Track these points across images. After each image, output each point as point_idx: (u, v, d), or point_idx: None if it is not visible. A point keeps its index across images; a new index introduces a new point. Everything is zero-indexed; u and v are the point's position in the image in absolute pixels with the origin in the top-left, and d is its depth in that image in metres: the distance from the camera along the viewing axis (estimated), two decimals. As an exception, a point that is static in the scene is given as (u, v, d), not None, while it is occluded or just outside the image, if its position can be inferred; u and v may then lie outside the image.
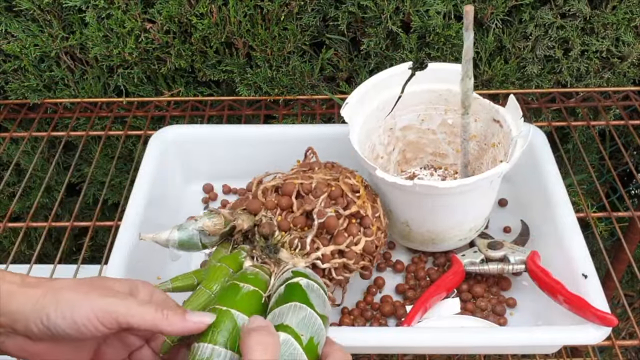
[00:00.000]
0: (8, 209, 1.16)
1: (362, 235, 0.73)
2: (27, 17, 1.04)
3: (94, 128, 1.13)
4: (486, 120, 0.85)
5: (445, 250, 0.86)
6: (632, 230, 1.13)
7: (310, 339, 0.48)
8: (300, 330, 0.48)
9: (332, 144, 0.86)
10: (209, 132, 0.96)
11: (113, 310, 0.47)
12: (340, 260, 0.71)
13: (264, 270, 0.60)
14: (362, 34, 1.04)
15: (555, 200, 0.82)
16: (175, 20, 1.02)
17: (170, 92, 1.12)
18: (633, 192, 1.39)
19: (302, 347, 0.48)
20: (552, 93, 1.09)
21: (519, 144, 0.77)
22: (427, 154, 0.94)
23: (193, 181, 0.97)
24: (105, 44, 1.04)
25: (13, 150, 1.18)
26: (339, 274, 0.72)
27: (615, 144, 1.13)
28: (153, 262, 0.83)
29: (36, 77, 1.09)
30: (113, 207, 1.29)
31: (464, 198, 0.77)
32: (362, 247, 0.73)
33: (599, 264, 1.16)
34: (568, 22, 1.02)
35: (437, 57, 1.03)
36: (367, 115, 0.85)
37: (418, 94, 0.88)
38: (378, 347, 0.73)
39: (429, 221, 0.81)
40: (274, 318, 0.50)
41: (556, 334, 0.69)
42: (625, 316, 1.35)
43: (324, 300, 0.53)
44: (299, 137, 0.91)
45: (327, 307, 0.54)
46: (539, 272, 0.76)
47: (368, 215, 0.74)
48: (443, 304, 0.80)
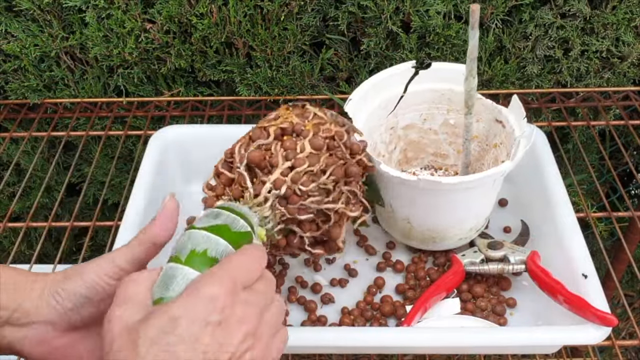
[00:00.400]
0: (8, 209, 1.16)
1: (304, 140, 0.65)
2: (27, 17, 1.04)
3: (94, 128, 1.13)
4: (488, 120, 0.85)
5: (446, 249, 0.85)
6: (632, 230, 1.13)
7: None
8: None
9: (332, 144, 0.86)
10: (209, 132, 0.96)
11: (110, 260, 0.50)
12: (293, 174, 0.63)
13: None
14: (362, 34, 1.04)
15: (555, 200, 0.82)
16: (175, 20, 1.02)
17: (170, 92, 1.12)
18: (633, 192, 1.39)
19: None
20: (552, 93, 1.09)
21: (522, 144, 0.77)
22: (428, 154, 0.94)
23: (193, 181, 0.97)
24: (105, 44, 1.04)
25: (13, 150, 1.18)
26: (312, 196, 0.64)
27: (615, 144, 1.14)
28: (153, 262, 0.82)
29: (36, 77, 1.09)
30: (113, 207, 1.29)
31: (466, 195, 0.77)
32: (308, 150, 0.64)
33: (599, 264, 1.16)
34: (568, 22, 1.02)
35: (437, 57, 1.03)
36: (369, 113, 0.85)
37: (421, 93, 0.88)
38: (378, 347, 0.73)
39: (431, 218, 0.80)
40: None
41: (556, 334, 0.69)
42: (625, 316, 1.35)
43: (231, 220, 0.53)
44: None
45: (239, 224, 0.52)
46: (539, 272, 0.76)
47: (296, 122, 0.66)
48: (443, 304, 0.80)
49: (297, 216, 0.64)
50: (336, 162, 0.66)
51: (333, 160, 0.66)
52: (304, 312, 0.81)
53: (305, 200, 0.64)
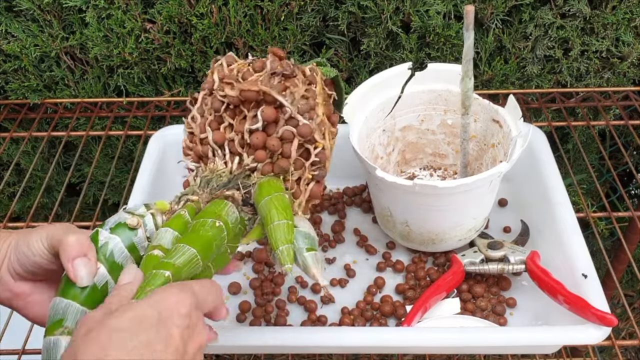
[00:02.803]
0: (8, 209, 1.16)
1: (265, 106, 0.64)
2: (27, 17, 1.05)
3: (94, 128, 1.13)
4: (486, 120, 0.85)
5: (445, 250, 0.86)
6: (632, 230, 1.13)
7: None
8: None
9: (332, 144, 0.86)
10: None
11: (49, 230, 0.54)
12: (267, 140, 0.64)
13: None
14: (362, 34, 1.04)
15: (555, 200, 0.82)
16: (175, 21, 1.02)
17: (170, 92, 1.12)
18: (633, 192, 1.39)
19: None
20: (552, 93, 1.09)
21: (519, 144, 0.77)
22: (427, 155, 0.94)
23: (193, 181, 0.97)
24: (105, 44, 1.04)
25: (13, 150, 1.18)
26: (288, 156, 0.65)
27: (615, 144, 1.14)
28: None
29: (36, 77, 1.09)
30: (113, 207, 1.29)
31: (463, 198, 0.77)
32: (268, 113, 0.64)
33: (599, 264, 1.16)
34: (568, 22, 1.02)
35: (437, 57, 1.03)
36: (366, 116, 0.85)
37: (418, 94, 0.88)
38: (378, 347, 0.73)
39: (429, 221, 0.81)
40: None
41: (556, 334, 0.69)
42: (625, 316, 1.35)
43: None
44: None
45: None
46: (539, 272, 0.76)
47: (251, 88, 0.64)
48: (443, 304, 0.80)
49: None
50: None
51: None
52: (304, 312, 0.81)
53: None
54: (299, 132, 0.64)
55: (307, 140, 0.65)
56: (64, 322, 0.50)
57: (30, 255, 0.53)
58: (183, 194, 0.62)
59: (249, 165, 0.65)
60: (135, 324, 0.44)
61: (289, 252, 0.57)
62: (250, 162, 0.65)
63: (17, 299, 0.55)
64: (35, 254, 0.53)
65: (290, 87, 0.65)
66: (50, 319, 0.51)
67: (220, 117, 0.66)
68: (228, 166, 0.65)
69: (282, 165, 0.64)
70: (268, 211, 0.59)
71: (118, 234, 0.54)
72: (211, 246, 0.55)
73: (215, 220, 0.57)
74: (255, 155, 0.65)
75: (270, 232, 0.58)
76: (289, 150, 0.64)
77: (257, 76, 0.65)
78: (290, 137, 0.64)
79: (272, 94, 0.64)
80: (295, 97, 0.65)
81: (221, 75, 0.66)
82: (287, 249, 0.57)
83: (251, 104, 0.65)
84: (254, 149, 0.65)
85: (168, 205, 0.60)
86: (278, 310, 0.80)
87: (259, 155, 0.64)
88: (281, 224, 0.58)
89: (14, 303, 0.56)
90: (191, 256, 0.52)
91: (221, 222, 0.57)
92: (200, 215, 0.58)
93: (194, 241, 0.54)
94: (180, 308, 0.46)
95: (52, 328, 0.50)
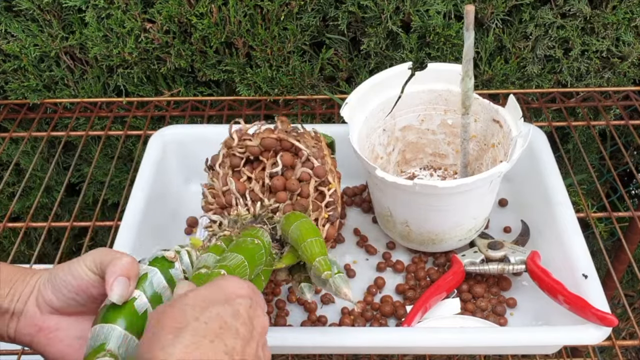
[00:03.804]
0: (8, 209, 1.16)
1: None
2: (27, 17, 1.04)
3: (94, 128, 1.13)
4: (486, 120, 0.85)
5: (446, 250, 0.85)
6: (632, 230, 1.13)
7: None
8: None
9: (332, 144, 0.86)
10: (209, 132, 0.96)
11: (96, 256, 0.54)
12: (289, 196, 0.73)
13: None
14: (362, 34, 1.04)
15: (555, 200, 0.82)
16: (175, 20, 1.02)
17: (170, 92, 1.12)
18: (633, 192, 1.39)
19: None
20: (552, 93, 1.09)
21: (519, 144, 0.77)
22: (427, 155, 0.94)
23: (193, 181, 0.97)
24: (105, 44, 1.04)
25: (13, 150, 1.18)
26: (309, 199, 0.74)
27: (616, 144, 1.14)
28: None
29: (36, 77, 1.09)
30: (113, 207, 1.29)
31: (463, 198, 0.77)
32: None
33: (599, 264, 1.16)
34: (568, 22, 1.02)
35: (437, 57, 1.03)
36: (366, 116, 0.85)
37: (418, 94, 0.88)
38: (378, 347, 0.73)
39: (429, 221, 0.80)
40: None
41: (556, 334, 0.69)
42: (625, 316, 1.35)
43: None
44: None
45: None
46: (539, 272, 0.76)
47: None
48: (443, 304, 0.80)
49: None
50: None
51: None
52: (304, 312, 0.80)
53: None
54: (315, 172, 0.75)
55: (322, 181, 0.75)
56: (106, 345, 0.50)
57: (71, 280, 0.53)
58: (214, 234, 0.69)
59: (271, 206, 0.73)
60: (204, 301, 0.46)
61: (325, 261, 0.62)
62: (272, 204, 0.74)
63: (41, 334, 0.54)
64: (77, 278, 0.53)
65: (301, 139, 0.76)
66: (90, 347, 0.50)
67: (238, 172, 0.77)
68: (251, 211, 0.73)
69: (302, 203, 0.73)
70: (300, 232, 0.65)
71: (157, 266, 0.56)
72: (254, 257, 0.62)
73: (254, 239, 0.65)
74: (276, 197, 0.74)
75: (304, 249, 0.64)
76: (307, 190, 0.74)
77: (259, 132, 0.77)
78: (307, 178, 0.74)
79: (289, 139, 0.75)
80: (307, 145, 0.76)
81: (239, 134, 0.77)
82: (323, 259, 0.62)
83: (270, 152, 0.76)
84: (274, 192, 0.74)
85: (201, 242, 0.65)
86: (278, 310, 0.80)
87: (281, 196, 0.74)
88: (313, 240, 0.64)
89: (35, 339, 0.54)
90: (240, 261, 0.60)
91: (259, 241, 0.65)
92: (238, 237, 0.66)
93: (239, 251, 0.61)
94: (241, 290, 0.49)
95: (93, 353, 0.50)
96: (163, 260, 0.57)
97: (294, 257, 0.68)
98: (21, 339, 0.54)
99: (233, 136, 0.77)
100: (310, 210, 0.74)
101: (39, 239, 1.29)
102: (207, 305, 0.46)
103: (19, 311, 0.54)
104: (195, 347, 0.42)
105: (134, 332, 0.51)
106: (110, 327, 0.51)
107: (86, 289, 0.54)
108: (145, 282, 0.54)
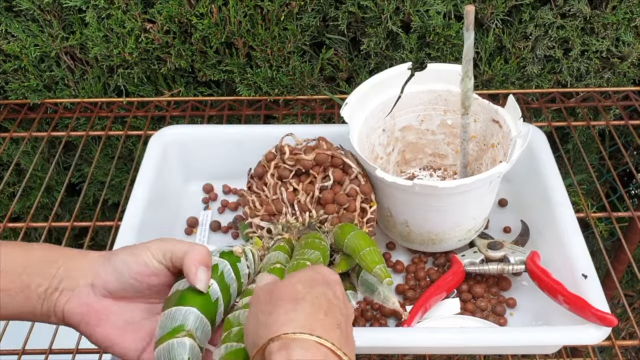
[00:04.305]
0: (8, 209, 1.16)
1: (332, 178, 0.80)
2: (27, 17, 1.04)
3: (94, 128, 1.13)
4: (485, 120, 0.85)
5: (445, 250, 0.86)
6: (632, 230, 1.13)
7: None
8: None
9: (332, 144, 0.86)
10: (209, 132, 0.96)
11: (163, 246, 0.55)
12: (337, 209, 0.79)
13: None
14: (362, 34, 1.04)
15: (555, 200, 0.82)
16: (175, 20, 1.02)
17: (170, 92, 1.12)
18: (633, 192, 1.39)
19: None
20: (552, 93, 1.09)
21: (518, 144, 0.77)
22: (427, 155, 0.94)
23: (193, 181, 0.97)
24: (105, 44, 1.04)
25: (13, 150, 1.18)
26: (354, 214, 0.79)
27: (615, 144, 1.14)
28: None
29: (36, 77, 1.09)
30: (113, 207, 1.29)
31: (463, 198, 0.77)
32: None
33: (599, 264, 1.16)
34: (568, 22, 1.02)
35: (437, 57, 1.03)
36: (366, 116, 0.85)
37: (417, 94, 0.88)
38: (378, 347, 0.73)
39: (429, 221, 0.81)
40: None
41: (556, 334, 0.69)
42: (625, 316, 1.35)
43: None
44: (299, 137, 0.91)
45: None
46: (539, 272, 0.76)
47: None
48: (443, 304, 0.80)
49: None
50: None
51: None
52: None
53: None
54: (362, 190, 0.79)
55: (366, 199, 0.79)
56: (185, 326, 0.52)
57: (134, 266, 0.54)
58: (271, 237, 0.75)
59: (320, 217, 0.78)
60: (310, 281, 0.50)
61: (385, 269, 0.65)
62: (321, 215, 0.78)
63: (92, 314, 0.55)
64: (142, 264, 0.54)
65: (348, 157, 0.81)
66: (165, 328, 0.52)
67: (285, 183, 0.81)
68: (299, 220, 0.78)
69: (348, 217, 0.78)
70: (357, 242, 0.68)
71: (226, 259, 0.59)
72: (326, 254, 0.67)
73: (321, 240, 0.69)
74: (325, 209, 0.79)
75: (362, 257, 0.67)
76: (354, 205, 0.79)
77: (315, 147, 0.81)
78: (354, 194, 0.79)
79: (341, 157, 0.80)
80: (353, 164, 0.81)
81: (290, 148, 0.81)
82: (381, 267, 0.65)
83: (320, 167, 0.80)
84: (324, 204, 0.79)
85: (262, 243, 0.70)
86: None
87: (330, 208, 0.78)
88: (370, 250, 0.67)
89: (85, 319, 0.55)
90: (317, 256, 0.65)
91: (325, 243, 0.70)
92: (304, 238, 0.70)
93: (314, 247, 0.66)
94: (334, 276, 0.52)
95: (171, 333, 0.51)
96: (231, 254, 0.60)
97: (347, 264, 0.71)
98: (70, 319, 0.54)
99: (285, 149, 0.81)
100: (356, 222, 0.79)
101: (39, 239, 1.29)
102: (314, 284, 0.49)
103: (70, 289, 0.54)
104: (314, 317, 0.46)
105: (208, 317, 0.54)
106: (188, 309, 0.53)
107: (147, 277, 0.55)
108: (217, 272, 0.57)
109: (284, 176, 0.81)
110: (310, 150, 0.81)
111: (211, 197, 0.96)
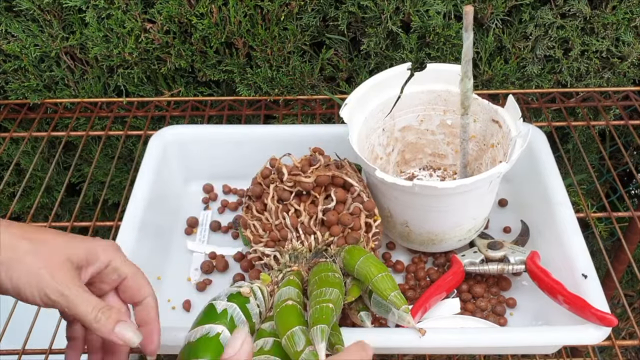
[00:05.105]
0: (8, 209, 1.16)
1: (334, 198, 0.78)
2: (27, 17, 1.05)
3: (94, 128, 1.13)
4: (485, 120, 0.85)
5: (445, 250, 0.86)
6: (632, 230, 1.13)
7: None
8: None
9: (332, 144, 0.86)
10: (209, 132, 0.96)
11: (55, 298, 0.50)
12: (342, 229, 0.76)
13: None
14: (362, 34, 1.04)
15: (555, 200, 0.82)
16: (175, 20, 1.02)
17: (170, 92, 1.12)
18: (633, 192, 1.39)
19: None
20: (552, 93, 1.09)
21: (518, 144, 0.77)
22: (426, 155, 0.94)
23: (193, 181, 0.97)
24: (105, 44, 1.04)
25: (13, 150, 1.18)
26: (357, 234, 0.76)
27: (615, 144, 1.14)
28: (153, 263, 0.83)
29: (36, 77, 1.09)
30: (113, 207, 1.29)
31: (463, 198, 0.77)
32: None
33: (599, 264, 1.16)
34: (568, 22, 1.02)
35: (437, 57, 1.03)
36: (366, 116, 0.85)
37: (417, 94, 0.88)
38: (378, 347, 0.73)
39: (429, 222, 0.81)
40: None
41: (556, 334, 0.69)
42: (625, 316, 1.35)
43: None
44: (299, 137, 0.91)
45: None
46: (539, 272, 0.76)
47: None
48: (443, 304, 0.80)
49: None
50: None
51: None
52: (303, 312, 0.81)
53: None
54: (365, 207, 0.77)
55: (369, 214, 0.78)
56: None
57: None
58: (279, 269, 0.72)
59: (326, 240, 0.76)
60: None
61: (400, 296, 0.65)
62: (327, 238, 0.76)
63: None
64: (22, 295, 0.51)
65: (345, 171, 0.80)
66: None
67: (285, 205, 0.78)
68: (305, 244, 0.75)
69: (354, 236, 0.75)
70: (368, 268, 0.67)
71: (234, 302, 0.60)
72: (342, 290, 0.65)
73: (335, 273, 0.67)
74: (330, 231, 0.76)
75: (375, 284, 0.66)
76: (358, 223, 0.77)
77: (314, 168, 0.78)
78: (358, 212, 0.77)
79: (342, 177, 0.78)
80: (354, 179, 0.78)
81: (288, 169, 0.79)
82: (396, 294, 0.65)
83: (322, 188, 0.78)
84: (328, 226, 0.76)
85: (270, 278, 0.69)
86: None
87: (335, 230, 0.76)
88: (383, 276, 0.66)
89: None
90: (337, 294, 0.63)
91: (339, 275, 0.68)
92: (316, 272, 0.68)
93: (331, 284, 0.64)
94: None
95: None
96: (239, 295, 0.61)
97: (359, 289, 0.70)
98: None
99: (283, 170, 0.79)
100: (363, 240, 0.77)
101: (39, 239, 1.29)
102: None
103: None
104: None
105: None
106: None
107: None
108: (227, 317, 0.58)
109: (284, 198, 0.78)
110: (307, 167, 0.78)
111: (211, 197, 0.96)
